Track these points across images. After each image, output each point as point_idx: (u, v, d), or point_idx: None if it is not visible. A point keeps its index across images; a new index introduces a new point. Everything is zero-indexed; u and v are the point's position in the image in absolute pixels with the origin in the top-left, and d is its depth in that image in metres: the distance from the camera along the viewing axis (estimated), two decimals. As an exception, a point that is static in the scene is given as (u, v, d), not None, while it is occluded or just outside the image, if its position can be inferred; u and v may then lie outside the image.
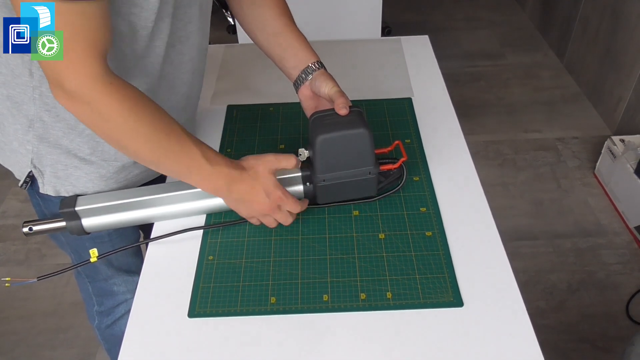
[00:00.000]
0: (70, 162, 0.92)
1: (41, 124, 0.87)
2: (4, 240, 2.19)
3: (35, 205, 1.02)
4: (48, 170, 0.93)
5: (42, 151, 0.90)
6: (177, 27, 0.87)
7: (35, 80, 0.83)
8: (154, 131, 0.81)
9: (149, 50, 0.84)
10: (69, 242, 1.07)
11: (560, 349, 1.75)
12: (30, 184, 0.96)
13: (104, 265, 1.13)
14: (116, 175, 0.95)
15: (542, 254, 2.04)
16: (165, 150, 0.82)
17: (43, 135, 0.89)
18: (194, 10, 0.89)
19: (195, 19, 0.90)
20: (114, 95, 0.76)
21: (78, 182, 0.94)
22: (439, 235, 0.92)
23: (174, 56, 0.90)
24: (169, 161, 0.84)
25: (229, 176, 0.85)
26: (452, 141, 1.10)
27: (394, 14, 3.45)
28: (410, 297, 0.83)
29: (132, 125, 0.79)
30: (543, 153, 2.49)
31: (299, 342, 0.79)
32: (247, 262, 0.89)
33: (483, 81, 2.98)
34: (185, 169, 0.84)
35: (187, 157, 0.83)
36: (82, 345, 1.81)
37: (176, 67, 0.92)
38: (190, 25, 0.89)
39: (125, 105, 0.78)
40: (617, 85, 2.51)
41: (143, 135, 0.80)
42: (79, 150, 0.91)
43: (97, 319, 1.26)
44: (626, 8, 2.43)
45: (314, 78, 0.97)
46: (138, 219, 0.93)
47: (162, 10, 0.81)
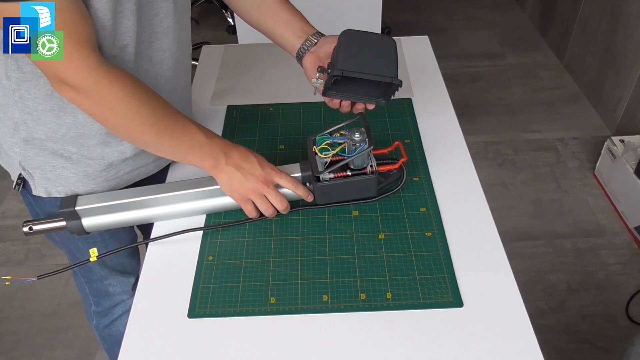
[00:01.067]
0: (58, 163, 0.92)
1: (25, 126, 0.87)
2: (3, 240, 2.19)
3: (28, 205, 1.02)
4: (37, 172, 0.93)
5: (29, 153, 0.91)
6: (150, 24, 0.87)
7: (13, 83, 0.83)
8: (156, 114, 0.84)
9: (118, 49, 0.83)
10: (63, 242, 1.07)
11: (559, 349, 1.75)
12: (23, 185, 0.96)
13: (97, 266, 1.13)
14: (105, 174, 0.95)
15: (542, 254, 2.04)
16: (168, 131, 0.85)
17: (28, 138, 0.89)
18: (167, 5, 0.88)
19: (170, 13, 0.89)
20: (114, 83, 0.78)
21: (67, 182, 0.94)
22: (439, 235, 0.92)
23: (153, 53, 0.90)
24: (171, 141, 0.87)
25: (225, 146, 0.90)
26: (451, 141, 1.10)
27: (393, 15, 3.45)
28: (410, 298, 0.83)
29: (135, 110, 0.81)
30: (543, 153, 2.49)
31: (298, 342, 0.79)
32: (247, 263, 0.89)
33: (483, 81, 2.97)
34: (186, 146, 0.88)
35: (187, 134, 0.87)
36: (82, 346, 1.81)
37: (157, 64, 0.91)
38: (167, 19, 0.89)
39: (127, 91, 0.79)
40: (617, 85, 2.51)
41: (147, 119, 0.83)
42: (64, 151, 0.91)
43: (95, 319, 1.26)
44: (626, 8, 2.43)
45: (323, 41, 0.97)
46: (138, 218, 0.93)
47: (121, 8, 0.79)
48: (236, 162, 0.89)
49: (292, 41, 0.99)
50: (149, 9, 0.85)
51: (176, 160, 0.96)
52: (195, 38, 1.03)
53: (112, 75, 0.77)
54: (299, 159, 0.97)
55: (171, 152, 0.90)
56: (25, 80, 0.82)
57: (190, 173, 1.00)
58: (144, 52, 0.88)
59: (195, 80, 1.31)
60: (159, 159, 1.02)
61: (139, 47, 0.86)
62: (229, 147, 0.90)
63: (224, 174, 0.89)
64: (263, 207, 0.91)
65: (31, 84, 0.83)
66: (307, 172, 0.92)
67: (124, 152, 0.94)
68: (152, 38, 0.88)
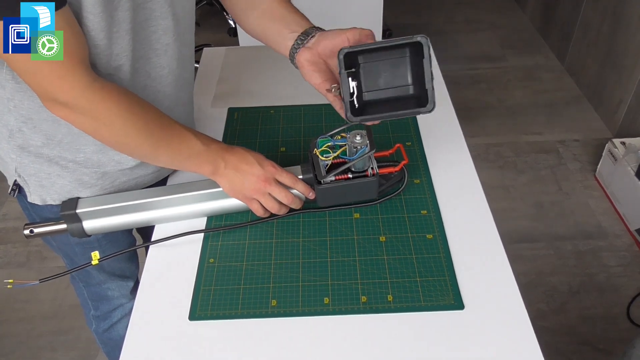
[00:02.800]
0: (53, 171, 0.91)
1: (21, 134, 0.87)
2: (5, 242, 2.19)
3: (25, 210, 1.02)
4: (32, 179, 0.92)
5: (25, 160, 0.90)
6: (149, 41, 0.85)
7: (7, 92, 0.83)
8: (152, 126, 0.83)
9: (113, 69, 0.82)
10: (60, 247, 1.07)
11: (561, 351, 1.75)
12: (18, 191, 0.96)
13: (96, 271, 1.13)
14: (101, 182, 0.94)
15: (543, 257, 2.04)
16: (164, 142, 0.85)
17: (23, 145, 0.88)
18: (167, 23, 0.86)
19: (170, 31, 0.87)
20: (108, 99, 0.77)
21: (63, 190, 0.93)
22: (440, 237, 0.92)
23: (152, 69, 0.89)
24: (169, 151, 0.86)
25: (222, 150, 0.89)
26: (452, 144, 1.10)
27: (394, 17, 3.46)
28: (411, 300, 0.83)
29: (131, 124, 0.81)
30: (544, 155, 2.49)
31: (299, 345, 0.79)
32: (247, 265, 0.89)
33: (484, 83, 2.98)
34: (184, 155, 0.87)
35: (184, 143, 0.86)
36: (83, 348, 1.81)
37: (155, 80, 0.90)
38: (166, 37, 0.87)
39: (122, 107, 0.79)
40: (618, 87, 2.51)
41: (143, 132, 0.82)
42: (60, 159, 0.90)
43: (95, 323, 1.26)
44: (627, 10, 2.43)
45: (321, 36, 0.86)
46: (140, 221, 0.93)
47: (116, 29, 0.78)
48: (235, 164, 0.89)
49: (286, 36, 0.89)
50: (147, 26, 0.84)
51: (175, 169, 0.95)
52: (196, 40, 1.02)
53: (105, 92, 0.77)
54: (300, 161, 0.97)
55: (169, 162, 0.90)
56: (19, 90, 0.82)
57: (192, 175, 1.00)
58: (141, 69, 0.87)
59: (196, 82, 1.31)
60: (159, 171, 1.01)
61: (136, 63, 0.85)
62: (227, 151, 0.90)
63: (224, 178, 0.89)
64: (269, 204, 0.91)
65: (25, 95, 0.82)
66: (309, 175, 0.92)
67: (121, 162, 0.93)
68: (150, 55, 0.87)
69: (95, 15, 0.73)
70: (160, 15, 0.85)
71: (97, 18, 0.74)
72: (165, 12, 0.85)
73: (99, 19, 0.74)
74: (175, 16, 0.87)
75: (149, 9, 0.83)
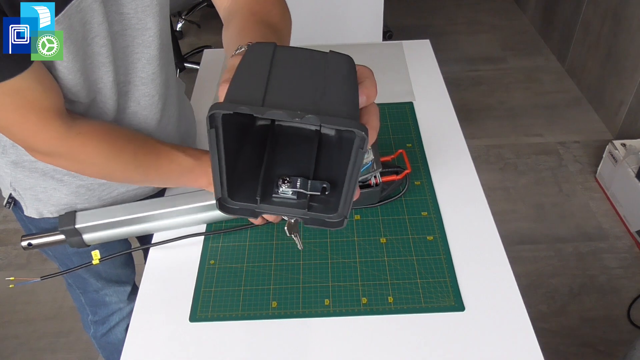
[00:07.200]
0: (49, 185, 0.91)
1: (14, 149, 0.86)
2: (5, 244, 2.19)
3: (20, 221, 1.01)
4: (28, 193, 0.92)
5: (19, 175, 0.90)
6: (134, 69, 0.83)
7: None
8: (139, 155, 0.82)
9: (95, 101, 0.81)
10: (56, 257, 1.07)
11: (561, 352, 1.75)
12: (14, 204, 0.96)
13: (92, 278, 1.12)
14: (98, 193, 0.94)
15: (544, 258, 2.04)
16: (153, 167, 0.84)
17: (17, 161, 0.88)
18: (151, 52, 0.83)
19: (154, 60, 0.85)
20: (88, 143, 0.77)
21: (60, 203, 0.93)
22: (441, 239, 0.92)
23: (140, 97, 0.87)
24: (159, 174, 0.86)
25: None
26: (453, 145, 1.10)
27: (395, 18, 3.46)
28: (411, 302, 0.83)
29: (116, 160, 0.80)
30: (544, 157, 2.49)
31: (300, 346, 0.79)
32: (248, 267, 0.89)
33: (484, 85, 2.98)
34: (176, 174, 0.87)
35: (173, 163, 0.85)
36: (83, 349, 1.81)
37: (144, 107, 0.89)
38: (150, 66, 0.85)
39: (103, 147, 0.78)
40: (618, 89, 2.51)
41: (130, 163, 0.82)
42: (55, 172, 0.90)
43: (93, 328, 1.26)
44: (627, 12, 2.43)
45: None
46: (139, 231, 0.92)
47: (91, 61, 0.75)
48: None
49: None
50: (132, 59, 0.82)
51: (172, 187, 0.95)
52: (196, 42, 1.02)
53: (84, 137, 0.76)
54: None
55: (163, 183, 0.90)
56: None
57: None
58: (132, 97, 0.85)
59: (197, 84, 1.32)
60: None
61: (131, 91, 0.84)
62: None
63: None
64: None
65: None
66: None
67: None
68: (137, 83, 0.85)
69: (68, 61, 0.71)
70: (141, 46, 0.82)
71: (70, 63, 0.72)
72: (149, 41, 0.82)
73: (72, 63, 0.72)
74: (161, 46, 0.84)
75: (129, 36, 0.80)
